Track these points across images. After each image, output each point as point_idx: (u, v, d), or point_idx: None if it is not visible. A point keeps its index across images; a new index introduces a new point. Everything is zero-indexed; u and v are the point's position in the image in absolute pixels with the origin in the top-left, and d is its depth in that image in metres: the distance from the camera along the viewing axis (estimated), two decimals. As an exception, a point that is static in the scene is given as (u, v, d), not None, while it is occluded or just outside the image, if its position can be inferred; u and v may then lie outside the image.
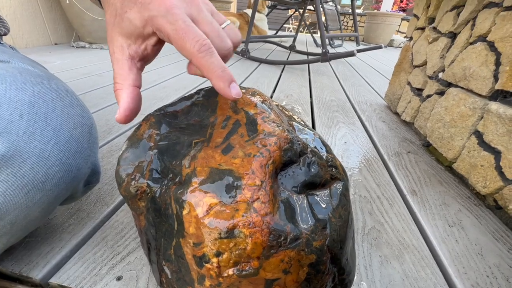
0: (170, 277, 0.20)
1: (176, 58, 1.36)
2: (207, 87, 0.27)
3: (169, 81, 0.95)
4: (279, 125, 0.22)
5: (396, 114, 0.81)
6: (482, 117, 0.45)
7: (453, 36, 0.58)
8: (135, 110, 0.20)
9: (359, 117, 0.77)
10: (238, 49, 1.52)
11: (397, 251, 0.32)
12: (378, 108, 0.87)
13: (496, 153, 0.41)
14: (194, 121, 0.24)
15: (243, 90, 0.26)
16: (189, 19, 0.19)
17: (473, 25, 0.51)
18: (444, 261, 0.31)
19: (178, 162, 0.20)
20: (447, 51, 0.59)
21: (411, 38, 0.79)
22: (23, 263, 0.26)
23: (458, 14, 0.57)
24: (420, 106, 0.66)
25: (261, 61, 1.43)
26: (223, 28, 0.21)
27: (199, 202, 0.17)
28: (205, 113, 0.24)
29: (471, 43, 0.51)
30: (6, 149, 0.18)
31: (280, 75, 1.19)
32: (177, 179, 0.19)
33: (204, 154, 0.20)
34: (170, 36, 0.18)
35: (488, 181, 0.41)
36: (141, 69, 0.21)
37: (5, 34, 0.37)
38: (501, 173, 0.39)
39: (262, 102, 0.26)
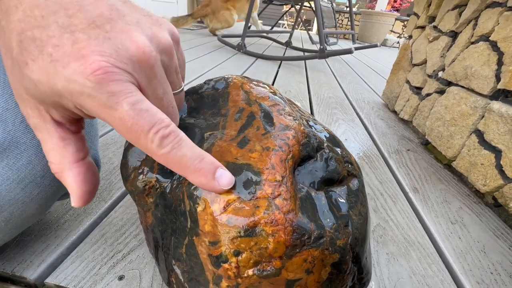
0: (180, 277, 0.19)
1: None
2: (216, 78, 0.25)
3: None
4: (295, 118, 0.21)
5: (394, 112, 0.82)
6: (483, 116, 0.45)
7: (454, 35, 0.58)
8: (92, 189, 0.16)
9: (357, 114, 0.77)
10: (235, 44, 1.50)
11: (403, 248, 0.32)
12: (375, 106, 0.87)
13: (497, 152, 0.41)
14: (205, 112, 0.23)
15: (252, 83, 0.25)
16: (137, 95, 0.13)
17: (475, 24, 0.52)
18: (449, 258, 0.31)
19: (190, 156, 0.19)
20: (448, 50, 0.59)
21: (410, 37, 0.79)
22: (15, 262, 0.24)
23: (460, 14, 0.57)
24: (419, 104, 0.66)
25: (257, 56, 1.41)
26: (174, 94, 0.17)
27: (216, 198, 0.16)
28: (216, 104, 0.23)
29: (472, 43, 0.51)
30: (1, 139, 0.17)
31: (277, 71, 1.18)
32: (189, 174, 0.18)
33: (218, 147, 0.19)
34: (112, 125, 0.13)
35: (488, 179, 0.41)
36: (78, 130, 0.15)
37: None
38: (502, 172, 0.39)
39: (275, 94, 0.24)
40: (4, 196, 0.17)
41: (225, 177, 0.15)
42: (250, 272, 0.15)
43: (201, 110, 0.23)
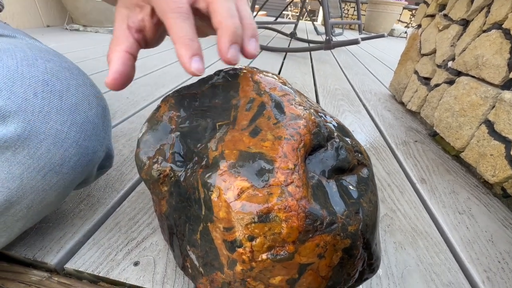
0: (195, 262, 0.19)
1: (175, 43, 1.32)
2: (226, 68, 0.26)
3: (169, 67, 0.92)
4: (306, 108, 0.21)
5: (401, 103, 0.81)
6: (493, 106, 0.44)
7: (465, 23, 0.57)
8: (125, 75, 0.19)
9: (364, 106, 0.77)
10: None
11: (411, 237, 0.32)
12: (382, 97, 0.86)
13: (507, 142, 0.41)
14: (215, 103, 0.23)
15: (262, 73, 0.25)
16: None
17: (488, 12, 0.50)
18: (456, 247, 0.32)
19: (203, 145, 0.19)
20: (458, 39, 0.58)
21: (419, 26, 0.78)
22: (36, 248, 0.26)
23: (471, 1, 0.56)
24: (427, 95, 0.65)
25: (262, 48, 1.40)
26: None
27: (230, 186, 0.17)
28: (226, 95, 0.23)
29: (484, 31, 0.50)
30: (22, 129, 0.17)
31: (283, 63, 1.17)
32: (203, 163, 0.19)
33: (230, 136, 0.19)
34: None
35: (498, 170, 0.41)
36: (139, 41, 0.20)
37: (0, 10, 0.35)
38: (511, 162, 0.39)
39: (284, 84, 0.25)
40: (26, 184, 0.18)
41: (198, 64, 0.17)
42: (264, 256, 0.16)
43: (213, 100, 0.23)
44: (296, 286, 0.17)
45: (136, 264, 0.25)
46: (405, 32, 3.20)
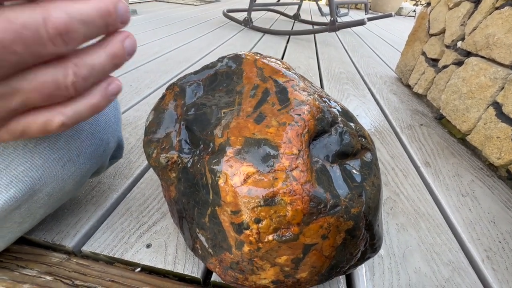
0: (205, 243, 0.20)
1: (177, 27, 1.30)
2: (229, 55, 0.25)
3: (171, 53, 0.91)
4: (310, 93, 0.21)
5: (408, 86, 0.79)
6: (502, 88, 0.43)
7: (477, 0, 0.54)
8: None
9: (369, 89, 0.76)
10: (241, 19, 1.44)
11: (413, 219, 0.33)
12: (388, 80, 0.84)
13: (515, 124, 0.40)
14: (220, 90, 0.23)
15: (266, 59, 0.25)
16: None
17: (502, -13, 0.48)
18: (458, 228, 0.32)
19: (209, 132, 0.20)
20: (469, 18, 0.56)
21: (428, 4, 0.74)
22: (53, 232, 0.27)
23: (485, -25, 0.53)
24: (434, 77, 0.64)
25: (265, 31, 1.36)
26: None
27: (236, 172, 0.17)
28: (230, 81, 0.23)
29: (497, 8, 0.48)
30: None
31: (286, 46, 1.14)
32: (209, 149, 0.19)
33: (235, 123, 0.19)
34: None
35: (504, 152, 0.41)
36: None
37: None
38: (518, 144, 0.39)
39: (288, 69, 0.24)
40: (48, 173, 0.19)
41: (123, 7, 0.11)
42: (270, 237, 0.17)
43: (217, 87, 0.23)
44: (301, 265, 0.18)
45: (148, 246, 0.27)
46: (414, 11, 3.06)
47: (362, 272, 0.26)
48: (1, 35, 0.08)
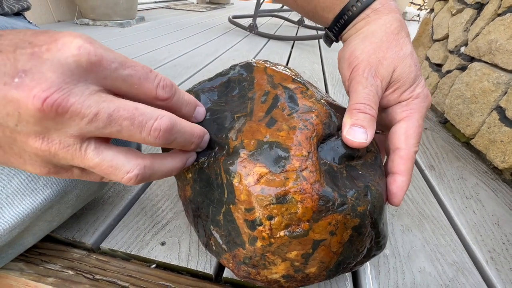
0: (219, 240, 0.22)
1: (184, 34, 1.33)
2: (241, 63, 0.27)
3: (178, 59, 0.94)
4: (317, 99, 0.23)
5: (412, 91, 0.80)
6: (505, 93, 0.44)
7: (479, 7, 0.56)
8: None
9: (374, 94, 0.77)
10: (246, 25, 1.47)
11: (418, 221, 0.34)
12: (392, 85, 0.85)
13: (518, 128, 0.41)
14: (233, 96, 0.25)
15: (275, 66, 0.26)
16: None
17: (503, -6, 0.49)
18: (462, 230, 0.33)
19: (223, 135, 0.21)
20: (472, 24, 0.57)
21: (432, 10, 0.76)
22: (74, 230, 0.29)
23: (487, -17, 0.54)
24: (438, 82, 0.65)
25: (270, 37, 1.39)
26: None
27: (250, 172, 0.18)
28: (242, 88, 0.25)
29: (499, 14, 0.49)
30: None
31: (291, 52, 1.16)
32: (224, 151, 0.21)
33: (248, 127, 0.21)
34: None
35: (508, 156, 0.41)
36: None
37: (28, 9, 0.37)
38: (522, 148, 0.40)
39: (297, 76, 0.26)
40: None
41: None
42: (282, 233, 0.18)
43: (229, 93, 0.25)
44: (310, 260, 0.19)
45: (163, 244, 0.28)
46: (418, 15, 3.07)
47: (367, 271, 0.27)
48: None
